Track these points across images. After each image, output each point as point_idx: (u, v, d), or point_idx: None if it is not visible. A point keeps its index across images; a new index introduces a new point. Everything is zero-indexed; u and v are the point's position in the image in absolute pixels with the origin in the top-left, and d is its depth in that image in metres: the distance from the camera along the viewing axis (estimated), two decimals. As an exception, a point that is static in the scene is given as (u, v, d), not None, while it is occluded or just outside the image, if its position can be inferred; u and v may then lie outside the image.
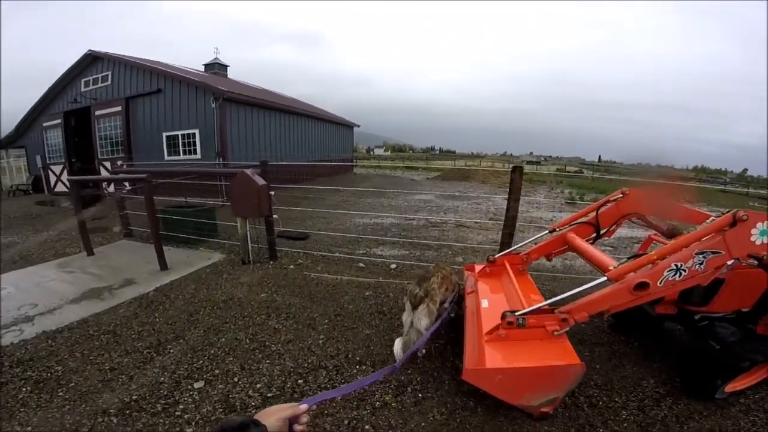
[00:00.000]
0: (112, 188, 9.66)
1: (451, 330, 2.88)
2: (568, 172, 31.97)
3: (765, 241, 1.82)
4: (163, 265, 4.66)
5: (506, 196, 4.08)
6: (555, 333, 1.99)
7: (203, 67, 17.15)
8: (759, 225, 1.80)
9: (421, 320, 2.48)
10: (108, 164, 12.64)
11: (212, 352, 2.79)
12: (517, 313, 2.03)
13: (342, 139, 22.54)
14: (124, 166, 8.89)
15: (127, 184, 7.17)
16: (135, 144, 12.41)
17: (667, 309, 2.52)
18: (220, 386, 2.39)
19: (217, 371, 2.55)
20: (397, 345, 2.49)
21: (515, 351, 1.98)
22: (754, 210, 1.83)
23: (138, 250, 5.54)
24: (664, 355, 2.76)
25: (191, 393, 2.33)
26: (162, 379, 2.47)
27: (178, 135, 11.72)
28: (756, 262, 2.06)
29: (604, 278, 2.00)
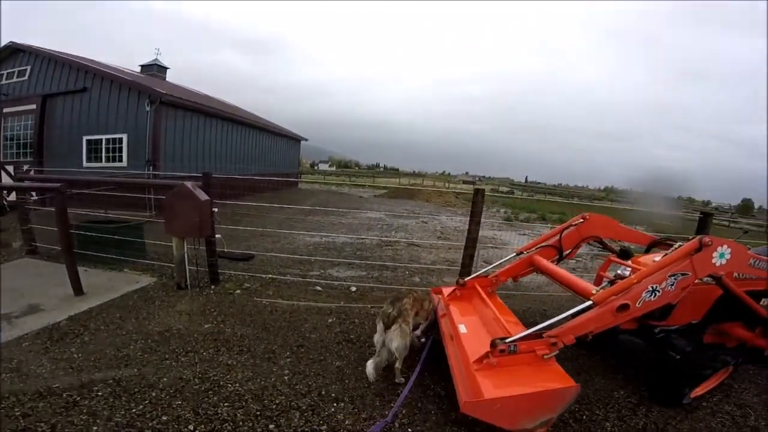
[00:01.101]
0: (13, 197, 8.21)
1: (418, 354, 2.79)
2: (501, 192, 34.35)
3: (723, 263, 2.06)
4: (78, 290, 3.92)
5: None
6: (545, 357, 1.98)
7: (139, 67, 15.66)
8: (719, 249, 2.04)
9: (393, 341, 2.45)
10: (11, 169, 10.89)
11: (153, 394, 2.35)
12: (508, 340, 1.99)
13: (288, 152, 21.90)
14: (32, 172, 7.61)
15: (34, 192, 6.08)
16: (48, 147, 10.90)
17: (630, 324, 2.68)
18: (172, 436, 2.01)
19: (165, 418, 2.14)
20: (370, 366, 2.44)
21: (509, 378, 1.93)
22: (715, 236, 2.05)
23: (44, 270, 4.67)
24: (626, 366, 2.96)
25: (139, 445, 1.94)
26: (96, 428, 2.03)
27: (101, 139, 10.45)
28: (713, 281, 2.28)
29: (589, 302, 2.06)
